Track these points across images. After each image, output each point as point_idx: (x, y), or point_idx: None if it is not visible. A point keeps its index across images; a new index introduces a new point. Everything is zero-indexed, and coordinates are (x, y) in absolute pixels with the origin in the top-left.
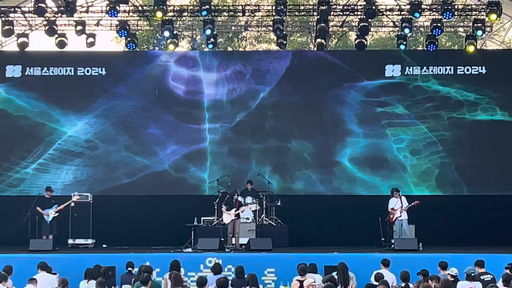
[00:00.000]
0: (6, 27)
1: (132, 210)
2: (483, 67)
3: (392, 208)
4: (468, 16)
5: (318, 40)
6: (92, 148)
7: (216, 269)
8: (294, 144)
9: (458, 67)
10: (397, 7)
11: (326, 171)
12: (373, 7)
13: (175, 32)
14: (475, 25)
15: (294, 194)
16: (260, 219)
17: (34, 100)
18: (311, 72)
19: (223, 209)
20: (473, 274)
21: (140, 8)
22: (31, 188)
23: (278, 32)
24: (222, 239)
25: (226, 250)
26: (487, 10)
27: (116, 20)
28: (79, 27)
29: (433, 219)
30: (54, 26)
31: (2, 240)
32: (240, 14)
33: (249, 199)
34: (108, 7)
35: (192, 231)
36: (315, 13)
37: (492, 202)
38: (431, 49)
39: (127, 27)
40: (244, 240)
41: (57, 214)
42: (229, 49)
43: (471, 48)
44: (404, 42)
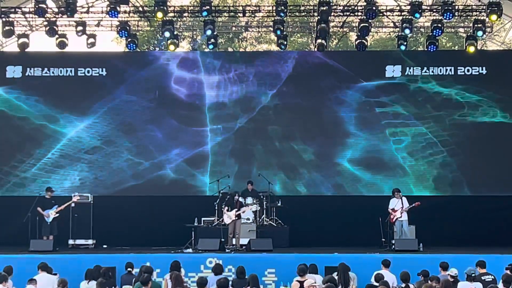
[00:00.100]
0: (7, 28)
1: (133, 211)
2: (484, 68)
3: (392, 209)
4: (468, 17)
5: (319, 40)
6: (93, 150)
7: (217, 270)
8: (295, 146)
9: (458, 67)
10: (398, 8)
11: (326, 172)
12: (374, 8)
13: (175, 32)
14: (476, 25)
15: (294, 195)
16: (261, 220)
17: (34, 101)
18: (311, 73)
19: (224, 209)
20: (473, 274)
21: (140, 8)
22: (31, 189)
23: (278, 32)
24: (223, 239)
25: (227, 250)
26: (488, 10)
27: (116, 20)
28: (80, 28)
29: (433, 219)
30: (55, 27)
31: (2, 241)
32: (240, 14)
33: (249, 200)
34: (109, 8)
35: (193, 232)
36: (315, 14)
37: (493, 203)
38: (432, 50)
39: (128, 28)
40: (244, 241)
41: (58, 214)
42: (230, 49)
43: (471, 49)
44: (405, 43)
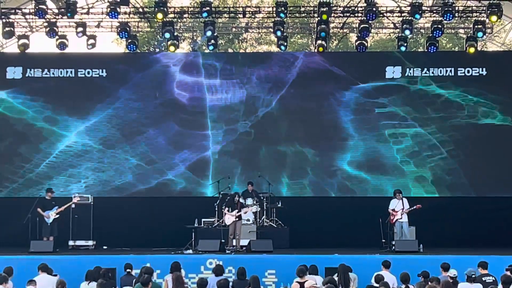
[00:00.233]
0: (7, 29)
1: (133, 212)
2: (484, 69)
3: (393, 209)
4: (468, 18)
5: (319, 41)
6: (93, 152)
7: (218, 271)
8: (297, 148)
9: (458, 68)
10: (398, 9)
11: (327, 173)
12: (374, 9)
13: (175, 33)
14: (476, 26)
15: (295, 196)
16: (261, 221)
17: (34, 102)
18: (312, 75)
19: (225, 210)
20: (473, 275)
21: (140, 9)
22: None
23: (278, 33)
24: (223, 240)
25: (227, 251)
26: (488, 11)
27: (116, 21)
28: (80, 29)
29: (433, 220)
30: (55, 28)
31: (2, 242)
32: (240, 15)
33: (249, 201)
34: (109, 9)
35: (193, 233)
36: (315, 15)
37: (493, 203)
38: (432, 51)
39: (128, 29)
40: (244, 242)
41: (58, 215)
42: (230, 50)
43: (471, 50)
44: (405, 44)
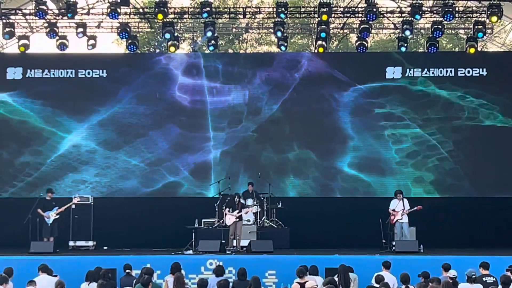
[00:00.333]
0: (7, 29)
1: (133, 212)
2: (484, 69)
3: (393, 210)
4: (469, 18)
5: (319, 42)
6: (93, 153)
7: (219, 271)
8: (297, 148)
9: (459, 69)
10: (398, 9)
11: (327, 174)
12: (374, 9)
13: (176, 34)
14: (476, 27)
15: (295, 196)
16: (261, 221)
17: (34, 103)
18: (312, 75)
19: (226, 211)
20: (474, 276)
21: (141, 10)
22: (32, 191)
23: (279, 34)
24: (223, 241)
25: (227, 252)
26: (488, 12)
27: (117, 22)
28: (80, 29)
29: (433, 221)
30: (55, 28)
31: (3, 242)
32: (241, 16)
33: (250, 201)
34: (109, 9)
35: (193, 233)
36: (315, 15)
37: (493, 204)
38: (432, 51)
39: (128, 29)
40: (245, 242)
41: (58, 216)
42: (230, 51)
43: (472, 50)
44: (405, 44)
